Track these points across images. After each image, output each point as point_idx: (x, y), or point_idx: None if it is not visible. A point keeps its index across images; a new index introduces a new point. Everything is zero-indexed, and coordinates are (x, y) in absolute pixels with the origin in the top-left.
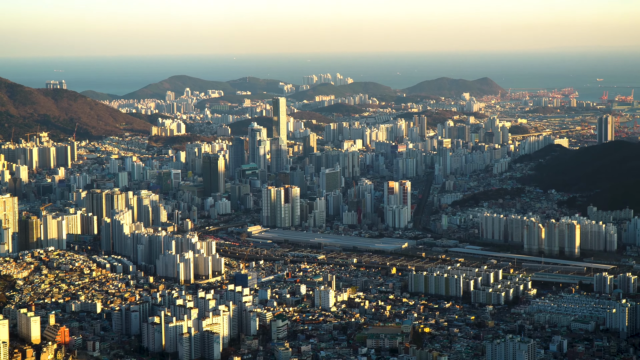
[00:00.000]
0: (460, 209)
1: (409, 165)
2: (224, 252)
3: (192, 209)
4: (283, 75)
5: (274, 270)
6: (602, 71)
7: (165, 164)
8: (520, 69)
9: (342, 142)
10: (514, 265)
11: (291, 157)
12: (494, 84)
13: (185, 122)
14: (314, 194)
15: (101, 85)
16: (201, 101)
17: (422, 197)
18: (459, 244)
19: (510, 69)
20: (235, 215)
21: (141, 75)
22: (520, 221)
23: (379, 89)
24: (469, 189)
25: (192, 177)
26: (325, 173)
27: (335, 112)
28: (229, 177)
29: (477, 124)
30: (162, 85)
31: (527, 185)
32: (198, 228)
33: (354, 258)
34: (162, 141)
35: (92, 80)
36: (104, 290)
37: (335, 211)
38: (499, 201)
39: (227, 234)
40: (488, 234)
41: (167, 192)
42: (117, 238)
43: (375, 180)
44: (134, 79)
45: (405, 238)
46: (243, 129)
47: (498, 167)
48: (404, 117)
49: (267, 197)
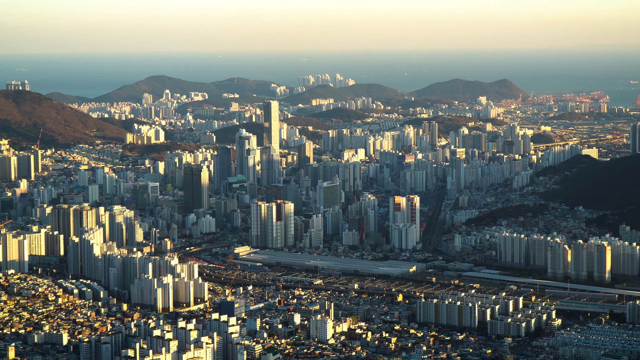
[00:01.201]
0: (476, 228)
1: (418, 178)
2: (208, 277)
3: (171, 227)
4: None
5: (265, 297)
6: (637, 73)
7: (142, 175)
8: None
9: (342, 152)
10: (537, 292)
11: (284, 168)
12: (514, 86)
13: (165, 128)
14: (309, 211)
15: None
16: (182, 105)
17: (433, 214)
18: (474, 268)
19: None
20: (221, 235)
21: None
22: (544, 242)
23: (383, 91)
24: (486, 205)
25: (171, 191)
26: (322, 187)
27: (334, 118)
28: (213, 191)
29: (495, 131)
30: (139, 87)
31: (552, 202)
32: (178, 249)
33: (355, 283)
34: (138, 150)
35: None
36: (71, 319)
37: (334, 230)
38: (520, 219)
39: (212, 255)
40: (507, 257)
41: (143, 208)
42: (87, 260)
43: (380, 195)
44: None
45: (414, 261)
46: (230, 137)
47: (518, 181)
48: (412, 123)
49: (256, 213)
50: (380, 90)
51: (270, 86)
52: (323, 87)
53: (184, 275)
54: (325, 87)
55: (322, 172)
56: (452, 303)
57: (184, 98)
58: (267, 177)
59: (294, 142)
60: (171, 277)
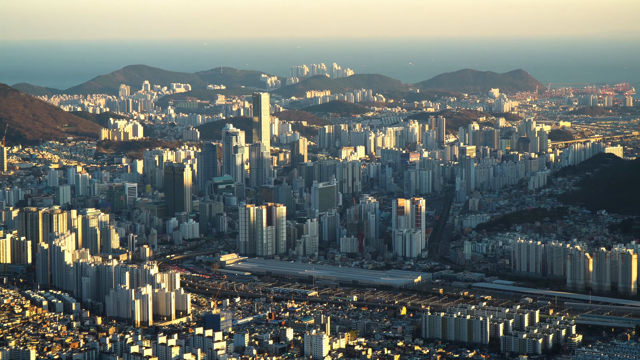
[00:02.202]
0: (488, 234)
1: (424, 178)
2: (191, 287)
3: (151, 232)
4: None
5: (254, 309)
6: None
7: (118, 175)
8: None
9: (339, 150)
10: (555, 305)
11: (276, 167)
12: (529, 77)
13: (144, 123)
14: (303, 215)
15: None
16: (163, 97)
17: (440, 218)
18: (485, 278)
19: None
20: (205, 241)
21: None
22: (562, 249)
23: (386, 82)
24: (498, 209)
25: (151, 192)
26: (318, 188)
27: (331, 112)
28: (197, 193)
29: (508, 127)
30: (115, 77)
31: (571, 205)
32: (158, 256)
33: (353, 295)
34: (114, 147)
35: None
36: (39, 334)
37: (330, 236)
38: (536, 224)
39: (195, 264)
40: (522, 266)
41: (119, 212)
42: (57, 269)
43: (381, 198)
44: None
45: (419, 270)
46: (215, 132)
47: (535, 182)
48: (417, 118)
49: (245, 218)
50: (382, 81)
51: (260, 77)
52: (319, 77)
53: (164, 286)
54: (321, 78)
55: (318, 172)
56: (461, 317)
57: (164, 90)
58: (257, 178)
59: (287, 139)
60: (150, 288)
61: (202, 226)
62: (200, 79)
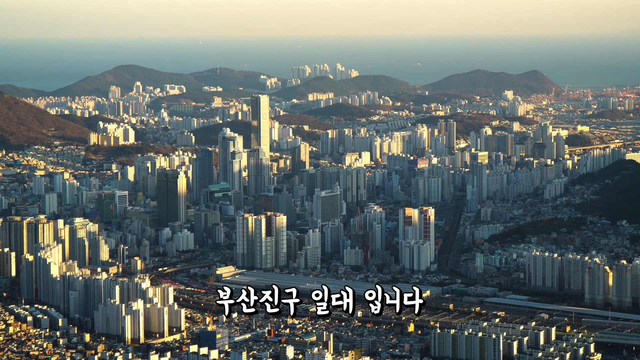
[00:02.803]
0: (501, 245)
1: (433, 186)
2: (185, 302)
3: (142, 243)
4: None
5: (252, 326)
6: None
7: (108, 183)
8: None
9: (343, 156)
10: (572, 322)
11: (276, 174)
12: (545, 78)
13: (135, 127)
14: (305, 225)
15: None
16: (156, 99)
17: (450, 229)
18: (498, 293)
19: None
20: (201, 253)
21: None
22: (581, 262)
23: (392, 84)
24: (512, 219)
25: (143, 201)
26: (320, 197)
27: (334, 116)
28: (192, 202)
29: (523, 132)
30: (105, 78)
31: (590, 215)
32: (150, 269)
33: (358, 311)
34: (104, 153)
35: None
36: (24, 351)
37: (333, 247)
38: (552, 236)
39: (190, 277)
40: (537, 280)
41: (109, 221)
42: (42, 282)
43: (388, 207)
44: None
45: (427, 284)
46: (212, 137)
47: (551, 190)
48: (426, 122)
49: (242, 228)
50: (388, 83)
51: (260, 78)
52: (321, 79)
53: (156, 301)
54: (323, 80)
55: (320, 180)
56: (472, 334)
57: (157, 92)
58: (256, 185)
59: (287, 144)
60: (142, 303)
61: (197, 237)
62: (195, 80)
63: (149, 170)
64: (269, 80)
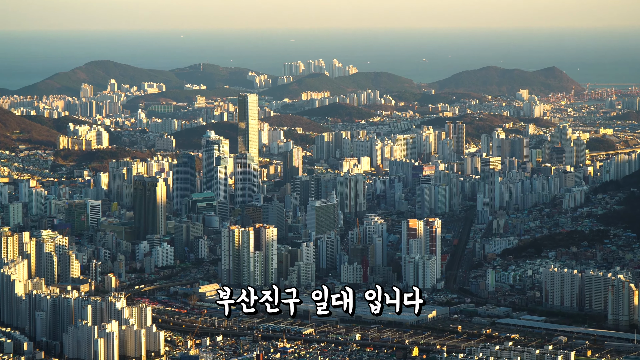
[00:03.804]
0: (515, 261)
1: (440, 195)
2: (165, 323)
3: (117, 258)
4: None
5: (239, 350)
6: None
7: (79, 191)
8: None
9: (340, 161)
10: (594, 345)
11: (265, 182)
12: (564, 76)
13: (109, 129)
14: (298, 238)
15: None
16: (133, 99)
17: (459, 243)
18: (511, 313)
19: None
20: (182, 269)
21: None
22: (603, 280)
23: (395, 82)
24: (528, 231)
25: (117, 211)
26: (315, 207)
27: (330, 117)
28: (172, 212)
29: (540, 135)
30: (76, 75)
31: (613, 227)
32: (126, 287)
33: (356, 333)
34: (75, 157)
35: None
36: None
37: (329, 263)
38: (572, 250)
39: (170, 296)
40: (555, 299)
41: (80, 234)
42: (6, 301)
43: (390, 218)
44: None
45: (433, 304)
46: (194, 141)
47: (570, 200)
48: (432, 124)
49: (228, 241)
50: (390, 80)
51: (247, 75)
52: (316, 76)
53: (133, 322)
54: (318, 77)
55: (315, 188)
56: (483, 359)
57: (134, 90)
58: (243, 194)
59: (278, 148)
60: (116, 324)
61: (178, 251)
62: (176, 77)
63: (125, 177)
64: (257, 78)
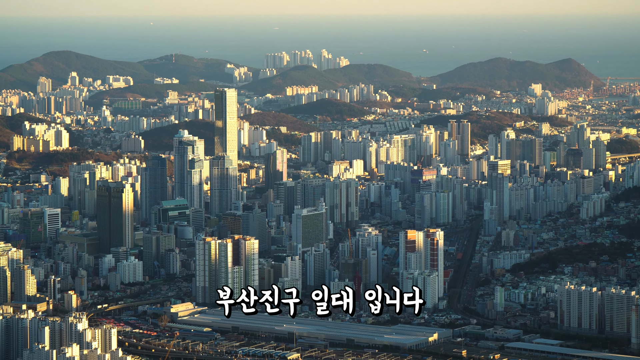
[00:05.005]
0: (526, 277)
1: (442, 203)
2: (132, 347)
3: (78, 274)
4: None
5: None
6: None
7: (36, 198)
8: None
9: (329, 165)
10: None
11: (245, 188)
12: (582, 69)
13: (70, 128)
14: (282, 251)
15: None
16: (96, 94)
17: (463, 257)
18: (523, 336)
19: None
20: (151, 286)
21: None
22: (626, 299)
23: (392, 75)
24: (541, 244)
25: (79, 220)
26: (301, 216)
27: (319, 114)
28: (140, 222)
29: (554, 135)
30: (32, 68)
31: (637, 239)
32: (88, 306)
33: (348, 358)
34: (31, 160)
35: None
36: None
37: (317, 280)
38: (591, 265)
39: (137, 316)
40: (572, 320)
41: (37, 246)
42: None
43: (386, 229)
44: None
45: (435, 325)
46: (165, 141)
47: (589, 208)
48: (433, 122)
49: (204, 255)
50: (386, 73)
51: (225, 67)
52: (303, 69)
53: (96, 346)
54: (305, 69)
55: (301, 195)
56: None
57: (98, 84)
58: (220, 201)
59: (260, 150)
60: (77, 348)
61: (146, 266)
62: (145, 70)
63: (87, 182)
64: (237, 70)
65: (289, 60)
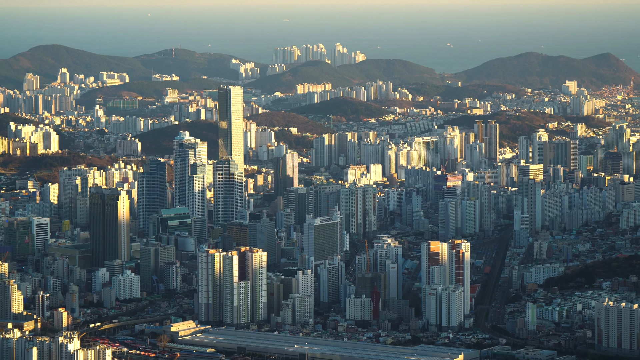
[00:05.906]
0: (561, 293)
1: (467, 212)
2: None
3: (69, 289)
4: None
5: None
6: None
7: (22, 206)
8: None
9: (345, 169)
10: None
11: (252, 195)
12: (621, 64)
13: (60, 130)
14: (293, 264)
15: None
16: (89, 92)
17: (491, 271)
18: (557, 357)
19: None
20: (149, 303)
21: None
22: None
23: (412, 72)
24: (577, 256)
25: (70, 231)
26: (314, 225)
27: (332, 114)
28: (137, 232)
29: (591, 137)
30: (18, 63)
31: None
32: (80, 325)
33: None
34: (17, 165)
35: None
36: None
37: (332, 296)
38: (631, 280)
39: (134, 335)
40: (611, 340)
41: (24, 259)
42: None
43: (406, 240)
44: None
45: (460, 346)
46: (164, 144)
47: (629, 217)
48: (458, 123)
49: (207, 269)
50: (406, 70)
51: (230, 63)
52: (315, 64)
53: None
54: (318, 65)
55: (314, 202)
56: None
57: (90, 81)
58: (225, 210)
59: (268, 153)
60: None
61: (144, 281)
62: (142, 65)
63: (79, 189)
64: (243, 66)
65: (299, 55)
